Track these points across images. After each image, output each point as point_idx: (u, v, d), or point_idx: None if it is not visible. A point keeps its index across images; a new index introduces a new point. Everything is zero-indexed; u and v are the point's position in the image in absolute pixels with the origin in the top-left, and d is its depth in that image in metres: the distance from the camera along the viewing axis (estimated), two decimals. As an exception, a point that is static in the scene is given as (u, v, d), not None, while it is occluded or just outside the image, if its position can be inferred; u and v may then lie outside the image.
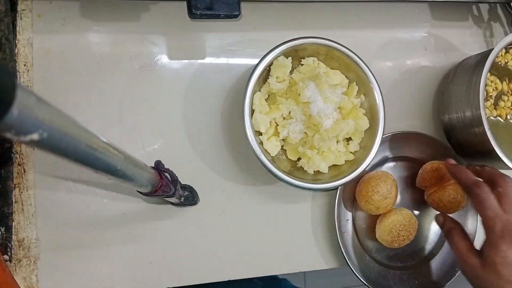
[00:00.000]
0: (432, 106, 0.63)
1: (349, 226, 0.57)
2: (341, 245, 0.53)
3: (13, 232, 0.48)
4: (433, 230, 0.60)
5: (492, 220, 0.43)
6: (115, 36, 0.53)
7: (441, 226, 0.52)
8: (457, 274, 0.58)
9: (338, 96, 0.52)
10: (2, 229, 0.48)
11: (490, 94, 0.56)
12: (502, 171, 0.49)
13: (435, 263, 0.59)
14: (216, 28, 0.56)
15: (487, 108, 0.55)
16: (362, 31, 0.61)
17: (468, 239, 0.47)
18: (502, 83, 0.57)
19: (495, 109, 0.56)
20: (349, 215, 0.57)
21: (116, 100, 0.53)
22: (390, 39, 0.62)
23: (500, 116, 0.56)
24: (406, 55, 0.63)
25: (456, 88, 0.57)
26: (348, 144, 0.53)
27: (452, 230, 0.49)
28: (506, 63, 0.57)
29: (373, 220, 0.57)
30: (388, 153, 0.59)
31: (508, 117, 0.56)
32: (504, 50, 0.57)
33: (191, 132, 0.54)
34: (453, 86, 0.58)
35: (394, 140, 0.58)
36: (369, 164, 0.51)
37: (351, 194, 0.57)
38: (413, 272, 0.59)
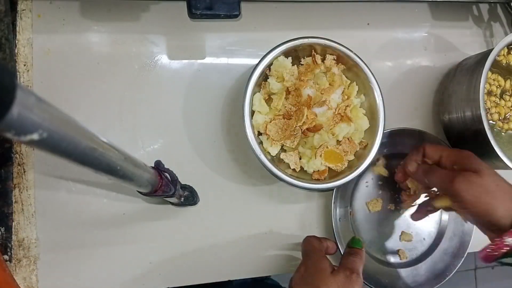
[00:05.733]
0: (432, 106, 0.63)
1: (347, 225, 0.57)
2: (338, 245, 0.53)
3: (13, 232, 0.48)
4: (429, 230, 0.60)
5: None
6: (115, 36, 0.53)
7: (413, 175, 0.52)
8: (454, 271, 0.58)
9: (338, 96, 0.52)
10: (2, 229, 0.48)
11: (495, 93, 0.56)
12: (503, 171, 0.49)
13: (432, 261, 0.59)
14: (216, 28, 0.56)
15: (493, 107, 0.55)
16: (362, 31, 0.61)
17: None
18: (505, 81, 0.57)
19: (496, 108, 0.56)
20: (346, 214, 0.57)
21: (116, 100, 0.53)
22: (390, 39, 0.62)
23: (499, 114, 0.56)
24: (406, 55, 0.63)
25: (456, 88, 0.57)
26: (349, 143, 0.53)
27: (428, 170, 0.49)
28: (508, 63, 0.57)
29: (371, 218, 0.57)
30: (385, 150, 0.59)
31: (507, 116, 0.56)
32: (506, 50, 0.57)
33: (191, 132, 0.54)
34: (453, 86, 0.58)
35: (392, 137, 0.57)
36: (369, 164, 0.51)
37: (349, 193, 0.57)
38: (411, 269, 0.59)
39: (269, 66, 0.51)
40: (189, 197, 0.50)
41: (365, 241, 0.58)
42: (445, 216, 0.61)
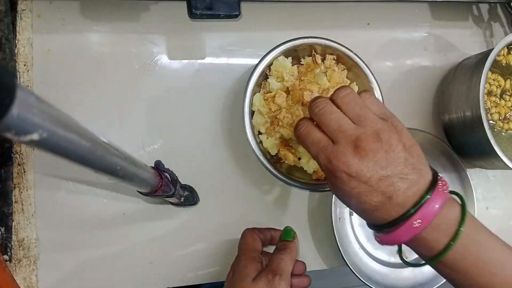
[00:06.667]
0: (432, 106, 0.63)
1: (347, 225, 0.57)
2: (339, 244, 0.53)
3: (13, 232, 0.48)
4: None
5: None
6: (115, 36, 0.53)
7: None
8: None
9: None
10: (2, 229, 0.48)
11: (495, 93, 0.56)
12: (502, 171, 0.49)
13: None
14: (216, 28, 0.56)
15: (492, 107, 0.55)
16: (362, 31, 0.61)
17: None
18: (505, 81, 0.57)
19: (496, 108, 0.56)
20: (346, 214, 0.57)
21: (116, 100, 0.53)
22: (390, 39, 0.62)
23: (499, 114, 0.56)
24: (406, 55, 0.63)
25: (456, 88, 0.57)
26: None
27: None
28: (508, 63, 0.57)
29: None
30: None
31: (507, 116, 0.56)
32: (506, 50, 0.57)
33: (191, 132, 0.54)
34: (453, 86, 0.58)
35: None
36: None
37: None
38: (411, 269, 0.59)
39: (269, 66, 0.51)
40: (189, 197, 0.50)
41: (362, 240, 0.58)
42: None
